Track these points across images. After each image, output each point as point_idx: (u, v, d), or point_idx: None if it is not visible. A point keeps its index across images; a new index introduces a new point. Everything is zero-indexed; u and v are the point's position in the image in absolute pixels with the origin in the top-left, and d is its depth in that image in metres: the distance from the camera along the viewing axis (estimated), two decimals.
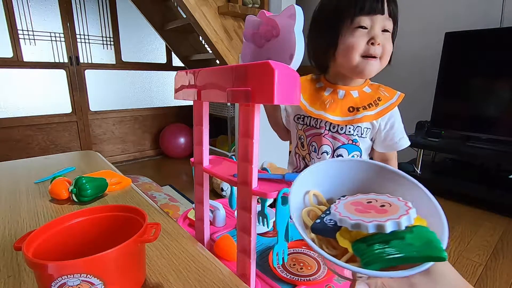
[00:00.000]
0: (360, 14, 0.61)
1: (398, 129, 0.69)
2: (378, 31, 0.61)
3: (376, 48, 0.61)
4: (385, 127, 0.69)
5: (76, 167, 0.88)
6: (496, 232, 1.65)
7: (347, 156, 0.69)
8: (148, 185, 1.90)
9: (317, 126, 0.71)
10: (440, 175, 2.20)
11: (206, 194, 0.53)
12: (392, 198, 0.31)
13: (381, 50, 0.62)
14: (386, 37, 0.63)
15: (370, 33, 0.61)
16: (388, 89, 0.69)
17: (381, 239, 0.27)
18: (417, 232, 0.27)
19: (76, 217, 0.42)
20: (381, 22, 0.61)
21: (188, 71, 0.50)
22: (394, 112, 0.68)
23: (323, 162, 0.38)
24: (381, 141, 0.70)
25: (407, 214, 0.27)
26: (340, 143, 0.69)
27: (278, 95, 0.34)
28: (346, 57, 0.63)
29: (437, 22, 2.41)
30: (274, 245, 0.45)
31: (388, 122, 0.68)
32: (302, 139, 0.75)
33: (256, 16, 0.47)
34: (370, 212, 0.28)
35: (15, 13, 2.22)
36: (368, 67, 0.63)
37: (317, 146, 0.71)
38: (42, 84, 2.45)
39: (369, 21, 0.61)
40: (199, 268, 0.44)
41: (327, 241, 0.30)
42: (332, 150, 0.70)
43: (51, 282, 0.31)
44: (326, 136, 0.70)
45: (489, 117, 2.02)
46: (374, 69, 0.64)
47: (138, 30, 2.86)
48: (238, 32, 2.10)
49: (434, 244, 0.26)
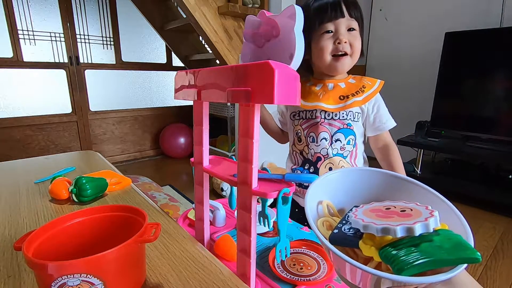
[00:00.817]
0: (323, 22, 0.71)
1: (384, 112, 0.77)
2: (343, 31, 0.70)
3: (343, 46, 0.70)
4: (373, 110, 0.77)
5: (76, 167, 0.88)
6: (496, 232, 1.65)
7: (344, 140, 0.76)
8: (148, 185, 1.90)
9: (313, 116, 0.77)
10: (440, 175, 2.20)
11: (206, 194, 0.53)
12: (410, 204, 0.30)
13: (349, 47, 0.71)
14: (353, 35, 0.71)
15: (335, 35, 0.71)
16: (369, 79, 0.77)
17: (410, 243, 0.25)
18: (444, 234, 0.26)
19: (76, 217, 0.42)
20: (344, 23, 0.70)
21: (188, 71, 0.50)
22: (378, 97, 0.77)
23: (334, 172, 0.37)
24: (371, 124, 0.78)
25: (433, 216, 0.26)
26: (336, 128, 0.76)
27: (278, 95, 0.34)
28: (319, 58, 0.73)
29: (437, 22, 2.41)
30: (276, 243, 0.45)
31: (375, 105, 0.77)
32: (299, 133, 0.80)
33: (256, 16, 0.47)
34: (393, 217, 0.27)
35: (15, 13, 2.22)
36: (339, 64, 0.72)
37: (315, 135, 0.77)
38: (42, 84, 2.45)
39: (333, 26, 0.71)
40: (199, 268, 0.44)
41: (345, 251, 0.29)
42: (330, 136, 0.76)
43: (51, 282, 0.31)
44: (323, 124, 0.76)
45: (489, 117, 2.02)
46: (346, 64, 0.73)
47: (138, 30, 2.86)
48: (238, 32, 2.10)
49: (464, 245, 0.25)
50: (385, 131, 0.78)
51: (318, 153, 0.77)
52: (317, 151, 0.77)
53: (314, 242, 0.59)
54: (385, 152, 0.79)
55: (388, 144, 0.79)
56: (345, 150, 0.76)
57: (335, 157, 0.76)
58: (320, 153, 0.77)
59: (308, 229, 0.67)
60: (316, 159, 0.77)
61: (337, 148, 0.76)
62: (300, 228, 0.67)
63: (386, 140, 0.79)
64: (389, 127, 0.77)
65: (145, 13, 2.68)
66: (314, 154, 0.77)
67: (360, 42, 0.73)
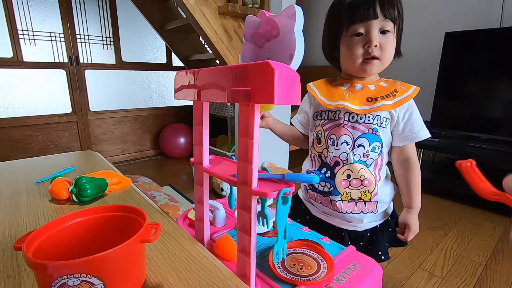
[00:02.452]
0: (353, 23, 0.66)
1: (416, 120, 0.71)
2: (375, 34, 0.65)
3: (374, 50, 0.65)
4: (404, 117, 0.71)
5: (76, 167, 0.88)
6: (496, 232, 1.65)
7: (368, 146, 0.69)
8: (148, 185, 1.89)
9: (336, 118, 0.73)
10: (440, 175, 2.20)
11: (206, 194, 0.53)
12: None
13: (380, 51, 0.66)
14: (387, 37, 0.66)
15: (366, 38, 0.65)
16: (403, 83, 0.72)
17: None
18: None
19: (76, 217, 0.42)
20: (377, 25, 0.65)
21: (188, 71, 0.50)
22: (411, 104, 0.71)
23: None
24: (400, 133, 0.71)
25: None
26: (360, 132, 0.70)
27: (278, 95, 0.34)
28: (347, 62, 0.70)
29: (437, 22, 2.41)
30: (274, 244, 0.45)
31: (406, 113, 0.71)
32: (319, 135, 0.76)
33: (256, 16, 0.47)
34: None
35: (15, 13, 2.22)
36: (368, 68, 0.68)
37: (336, 138, 0.72)
38: (42, 84, 2.45)
39: (363, 28, 0.65)
40: (199, 268, 0.44)
41: None
42: (352, 140, 0.70)
43: (51, 282, 0.31)
44: (346, 127, 0.71)
45: (489, 117, 2.02)
46: (375, 69, 0.68)
47: (138, 30, 2.86)
48: (238, 32, 2.10)
49: None
50: (412, 143, 0.72)
51: (337, 157, 0.71)
52: (336, 155, 0.71)
53: (314, 242, 0.59)
54: (406, 168, 0.73)
55: (411, 160, 0.73)
56: (368, 157, 0.70)
57: (356, 164, 0.70)
58: (339, 158, 0.71)
59: (308, 229, 0.67)
60: (334, 163, 0.72)
61: (359, 154, 0.70)
62: (300, 228, 0.67)
63: (411, 155, 0.73)
64: (421, 138, 0.71)
65: (145, 13, 2.68)
66: (332, 158, 0.72)
67: (393, 45, 0.68)
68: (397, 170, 0.75)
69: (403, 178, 0.74)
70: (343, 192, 0.72)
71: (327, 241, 0.62)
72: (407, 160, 0.73)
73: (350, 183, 0.72)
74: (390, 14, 0.64)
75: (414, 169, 0.73)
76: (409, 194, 0.74)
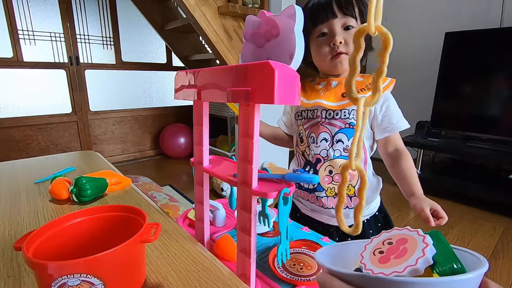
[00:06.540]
0: (316, 26, 0.69)
1: (394, 111, 0.72)
2: (338, 31, 0.67)
3: (339, 46, 0.67)
4: (381, 109, 0.72)
5: (76, 167, 0.88)
6: (496, 232, 1.65)
7: (347, 141, 0.71)
8: (148, 185, 1.90)
9: (314, 116, 0.75)
10: (440, 175, 2.20)
11: (206, 194, 0.53)
12: (403, 230, 0.29)
13: (346, 46, 0.68)
14: (351, 32, 0.68)
15: (330, 37, 0.68)
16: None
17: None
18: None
19: (76, 217, 0.42)
20: (338, 23, 0.67)
21: (188, 71, 0.50)
22: (387, 95, 0.72)
23: (340, 244, 0.34)
24: (379, 125, 0.72)
25: (428, 246, 0.26)
26: (337, 128, 0.72)
27: (278, 95, 0.34)
28: (318, 62, 0.73)
29: (437, 22, 2.41)
30: (278, 245, 0.45)
31: (384, 104, 0.72)
32: (301, 134, 0.78)
33: (256, 16, 0.47)
34: (392, 259, 0.27)
35: (15, 13, 2.23)
36: (338, 63, 0.69)
37: (315, 136, 0.74)
38: (42, 84, 2.45)
39: (326, 28, 0.68)
40: (199, 268, 0.44)
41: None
42: (330, 136, 0.72)
43: (51, 282, 0.31)
44: (323, 124, 0.73)
45: (489, 117, 2.02)
46: (345, 63, 0.69)
47: (138, 30, 2.87)
48: (238, 32, 2.10)
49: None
50: (395, 133, 0.72)
51: (317, 154, 0.74)
52: (317, 152, 0.74)
53: (314, 242, 0.59)
54: (396, 158, 0.72)
55: (399, 149, 0.72)
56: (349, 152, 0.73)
57: (337, 160, 0.71)
58: (319, 155, 0.73)
59: (308, 229, 0.67)
60: (316, 160, 0.74)
61: (339, 149, 0.72)
62: (300, 228, 0.67)
63: (397, 144, 0.72)
64: (400, 128, 0.71)
65: (145, 13, 2.68)
66: (314, 155, 0.74)
67: None
68: (387, 161, 0.74)
69: (395, 168, 0.72)
70: (327, 188, 0.73)
71: (327, 241, 0.62)
72: (396, 150, 0.72)
73: (333, 179, 0.73)
74: (349, 11, 0.67)
75: (405, 157, 0.71)
76: (407, 182, 0.70)
